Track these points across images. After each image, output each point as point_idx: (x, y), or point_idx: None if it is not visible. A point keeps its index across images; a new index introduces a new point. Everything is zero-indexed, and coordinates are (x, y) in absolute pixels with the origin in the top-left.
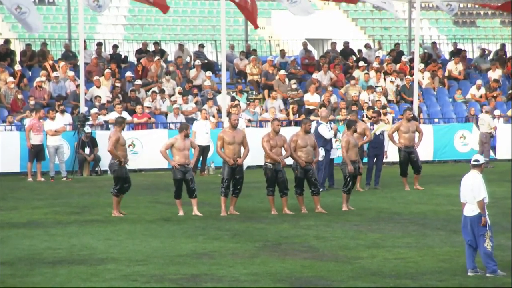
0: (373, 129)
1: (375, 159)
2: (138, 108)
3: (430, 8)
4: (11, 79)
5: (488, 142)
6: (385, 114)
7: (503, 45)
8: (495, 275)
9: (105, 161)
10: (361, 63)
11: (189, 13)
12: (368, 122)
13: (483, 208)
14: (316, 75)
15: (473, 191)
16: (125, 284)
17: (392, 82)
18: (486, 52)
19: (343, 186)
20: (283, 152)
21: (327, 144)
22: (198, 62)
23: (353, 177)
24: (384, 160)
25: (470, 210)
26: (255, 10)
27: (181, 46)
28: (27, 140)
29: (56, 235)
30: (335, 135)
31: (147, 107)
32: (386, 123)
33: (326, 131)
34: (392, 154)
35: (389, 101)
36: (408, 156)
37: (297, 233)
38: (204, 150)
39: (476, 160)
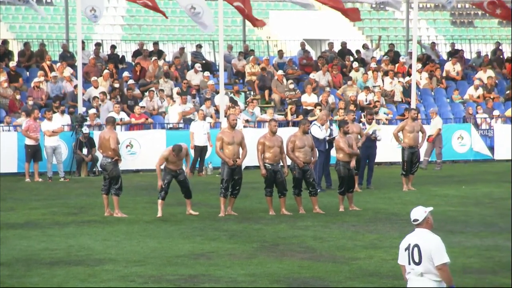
0: (365, 129)
1: (367, 159)
2: (136, 109)
3: (428, 9)
4: (3, 78)
5: (435, 144)
6: (376, 113)
7: (498, 44)
8: None
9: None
10: (356, 64)
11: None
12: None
13: None
14: (314, 76)
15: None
16: (122, 284)
17: (390, 83)
18: (483, 54)
19: (338, 187)
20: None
21: (320, 145)
22: (198, 66)
23: (348, 177)
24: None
25: None
26: (249, 10)
27: (181, 50)
28: (27, 138)
29: (54, 235)
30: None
31: (142, 107)
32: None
33: (318, 131)
34: (389, 154)
35: (394, 102)
36: (411, 156)
37: (294, 234)
38: (202, 150)
39: (416, 220)
